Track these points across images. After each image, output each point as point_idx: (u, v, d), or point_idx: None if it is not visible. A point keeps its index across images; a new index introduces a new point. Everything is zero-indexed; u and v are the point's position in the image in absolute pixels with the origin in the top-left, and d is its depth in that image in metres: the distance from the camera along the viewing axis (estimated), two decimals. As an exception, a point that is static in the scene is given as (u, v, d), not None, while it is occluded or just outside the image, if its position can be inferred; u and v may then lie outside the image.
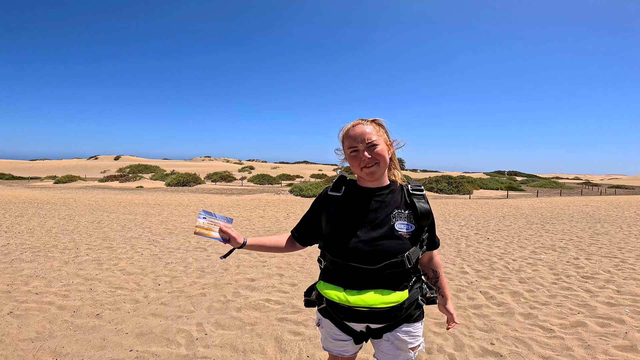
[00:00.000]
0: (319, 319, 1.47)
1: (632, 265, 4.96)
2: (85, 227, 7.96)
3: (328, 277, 1.37)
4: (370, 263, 1.28)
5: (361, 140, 1.31)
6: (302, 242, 1.50)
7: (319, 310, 1.44)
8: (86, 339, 2.69)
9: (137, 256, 5.31)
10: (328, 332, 1.44)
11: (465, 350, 2.58)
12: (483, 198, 23.58)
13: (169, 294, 3.71)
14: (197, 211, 11.65)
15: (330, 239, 1.35)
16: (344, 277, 1.32)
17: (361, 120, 1.37)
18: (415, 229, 1.34)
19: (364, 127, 1.33)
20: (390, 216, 1.33)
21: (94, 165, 63.88)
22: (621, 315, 3.15)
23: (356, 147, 1.32)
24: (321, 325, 1.46)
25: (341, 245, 1.31)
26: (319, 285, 1.37)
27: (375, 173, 1.33)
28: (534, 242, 6.96)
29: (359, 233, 1.31)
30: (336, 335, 1.41)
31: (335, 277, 1.34)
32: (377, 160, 1.32)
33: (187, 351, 2.54)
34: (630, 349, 2.56)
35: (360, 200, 1.37)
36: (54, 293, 3.64)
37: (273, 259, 5.27)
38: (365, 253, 1.28)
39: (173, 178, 32.13)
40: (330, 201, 1.39)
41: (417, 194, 1.40)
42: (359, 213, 1.35)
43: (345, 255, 1.30)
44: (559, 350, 2.56)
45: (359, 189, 1.40)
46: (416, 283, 1.38)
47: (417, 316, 1.40)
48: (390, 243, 1.29)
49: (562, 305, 3.44)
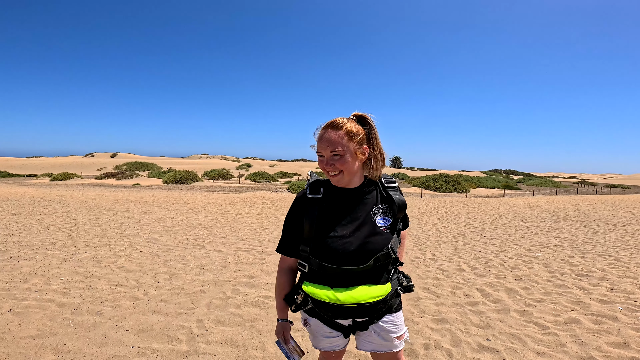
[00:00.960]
0: (304, 319, 1.47)
1: (626, 264, 5.03)
2: (83, 224, 7.96)
3: (312, 278, 1.36)
4: (359, 263, 1.29)
5: (326, 148, 1.30)
6: (297, 255, 1.42)
7: (305, 310, 1.43)
8: (87, 336, 2.71)
9: (136, 254, 5.32)
10: (317, 331, 1.44)
11: (462, 346, 2.63)
12: (480, 196, 23.71)
13: (169, 291, 3.73)
14: (195, 209, 11.66)
15: (317, 244, 1.33)
16: (330, 278, 1.32)
17: (334, 123, 1.32)
18: (392, 221, 1.38)
19: (333, 133, 1.29)
20: (370, 213, 1.36)
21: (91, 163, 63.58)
22: (614, 313, 3.20)
23: (321, 154, 1.33)
24: (309, 325, 1.46)
25: (329, 249, 1.30)
26: (305, 287, 1.34)
27: (339, 182, 1.35)
28: (530, 240, 7.03)
29: (344, 234, 1.31)
30: (326, 333, 1.42)
31: (320, 277, 1.34)
32: (341, 169, 1.31)
33: (188, 347, 2.57)
34: (623, 346, 2.61)
35: (340, 202, 1.37)
36: (53, 290, 3.65)
37: (272, 256, 5.31)
38: (353, 254, 1.29)
39: (170, 175, 32.04)
40: (312, 204, 1.37)
41: (392, 187, 1.43)
42: (341, 214, 1.35)
43: (334, 259, 1.30)
44: (554, 347, 2.61)
45: (337, 190, 1.39)
46: (394, 274, 1.41)
47: (397, 305, 1.44)
48: (375, 239, 1.32)
49: (556, 303, 3.49)
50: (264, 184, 33.37)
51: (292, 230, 1.41)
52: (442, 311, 3.29)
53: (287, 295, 1.44)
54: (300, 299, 1.40)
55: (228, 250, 5.67)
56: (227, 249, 5.76)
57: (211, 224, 8.52)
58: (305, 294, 1.38)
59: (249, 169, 54.57)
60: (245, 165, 59.79)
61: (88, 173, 45.86)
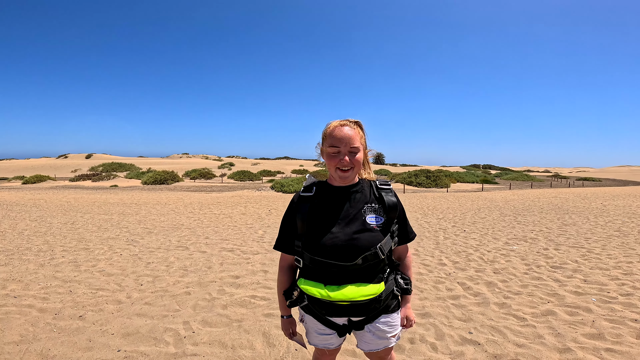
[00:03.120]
0: (301, 315, 1.54)
1: (598, 255, 5.27)
2: (59, 228, 7.72)
3: (308, 275, 1.41)
4: (348, 259, 1.33)
5: (345, 143, 1.35)
6: (293, 251, 1.48)
7: (302, 307, 1.50)
8: (72, 340, 2.66)
9: (116, 257, 5.21)
10: (312, 328, 1.49)
11: (445, 340, 2.71)
12: (460, 191, 24.24)
13: (153, 293, 3.69)
14: (177, 210, 11.48)
15: (308, 238, 1.39)
16: (323, 274, 1.36)
17: (348, 122, 1.41)
18: (385, 221, 1.42)
19: (350, 130, 1.37)
20: (362, 211, 1.40)
21: (64, 165, 61.39)
22: (588, 304, 3.36)
23: (338, 149, 1.36)
24: (304, 321, 1.52)
25: (319, 243, 1.36)
26: (300, 283, 1.41)
27: (348, 177, 1.39)
28: (507, 233, 7.27)
29: (334, 230, 1.36)
30: (320, 330, 1.47)
31: (314, 274, 1.39)
32: (354, 165, 1.38)
33: (176, 349, 2.56)
34: (598, 337, 2.72)
35: (332, 199, 1.43)
36: (32, 296, 3.55)
37: (257, 256, 5.30)
38: (342, 248, 1.33)
39: (150, 176, 31.34)
40: (304, 202, 1.44)
41: (385, 188, 1.48)
42: (332, 211, 1.41)
43: (323, 253, 1.34)
44: (532, 339, 2.72)
45: (330, 188, 1.46)
46: (391, 274, 1.46)
47: (394, 306, 1.49)
48: (364, 236, 1.35)
49: (533, 295, 3.64)
50: (247, 183, 33.10)
51: (288, 227, 1.48)
52: (426, 305, 3.38)
53: (286, 291, 1.50)
54: (296, 295, 1.46)
55: (212, 251, 5.63)
56: (211, 250, 5.72)
57: (194, 224, 8.41)
58: (301, 291, 1.44)
59: (232, 167, 53.96)
60: (227, 164, 59.07)
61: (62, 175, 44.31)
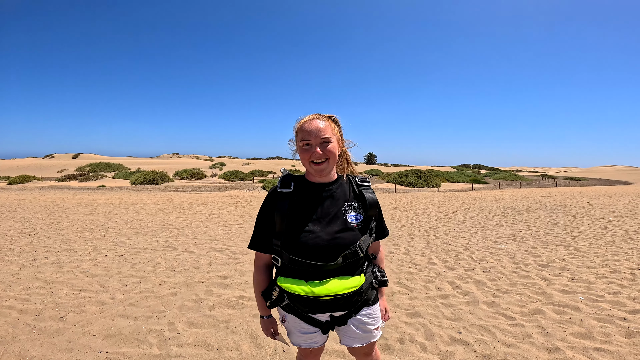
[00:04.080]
0: (282, 315, 1.48)
1: (585, 254, 5.33)
2: (43, 229, 7.54)
3: (287, 273, 1.37)
4: (329, 259, 1.31)
5: (315, 135, 1.32)
6: (270, 250, 1.42)
7: (282, 307, 1.44)
8: (51, 342, 2.58)
9: (101, 257, 5.10)
10: (295, 327, 1.45)
11: (435, 340, 2.69)
12: (450, 191, 24.42)
13: (137, 294, 3.60)
14: (165, 210, 11.32)
15: (288, 238, 1.35)
16: (303, 272, 1.33)
17: (318, 115, 1.39)
18: (364, 219, 1.40)
19: (320, 122, 1.35)
20: (342, 209, 1.38)
21: (50, 165, 60.26)
22: (576, 303, 3.37)
23: (309, 142, 1.33)
24: (286, 321, 1.47)
25: (300, 243, 1.32)
26: (280, 281, 1.36)
27: (323, 170, 1.35)
28: (496, 232, 7.32)
29: (315, 229, 1.33)
30: (303, 329, 1.43)
31: (294, 272, 1.35)
32: (328, 156, 1.34)
33: (160, 351, 2.49)
34: (586, 336, 2.72)
35: (312, 196, 1.39)
36: (13, 297, 3.45)
37: (246, 256, 5.23)
38: (324, 249, 1.31)
39: (138, 176, 30.91)
40: (282, 198, 1.38)
41: (364, 185, 1.46)
42: (312, 209, 1.37)
43: (304, 253, 1.31)
44: (521, 338, 2.72)
45: (309, 185, 1.42)
46: (368, 267, 1.45)
47: (374, 298, 1.49)
48: (346, 235, 1.34)
49: (521, 294, 3.65)
50: (238, 183, 32.88)
51: (264, 225, 1.41)
52: (416, 305, 3.36)
53: (264, 292, 1.44)
54: (276, 295, 1.40)
55: (200, 251, 5.54)
56: (200, 250, 5.63)
57: (183, 224, 8.29)
58: (281, 290, 1.39)
59: (223, 167, 53.56)
60: (218, 164, 58.62)
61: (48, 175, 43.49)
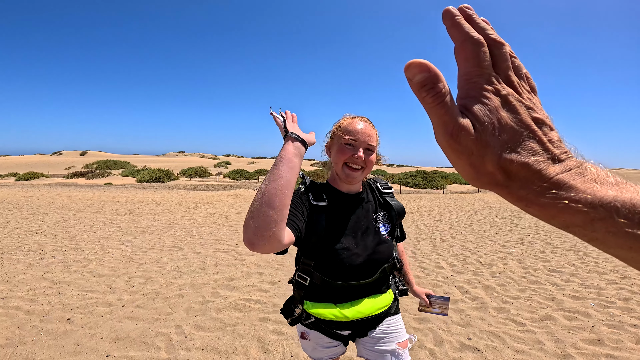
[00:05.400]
0: (303, 332, 1.38)
1: (595, 259, 5.26)
2: (50, 227, 7.58)
3: (314, 295, 1.27)
4: (366, 276, 1.24)
5: (364, 138, 1.21)
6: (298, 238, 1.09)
7: (305, 324, 1.35)
8: (59, 344, 2.58)
9: (108, 257, 5.11)
10: (317, 343, 1.37)
11: (444, 346, 2.66)
12: (456, 192, 24.28)
13: (144, 296, 3.60)
14: (171, 209, 11.35)
15: (323, 258, 1.21)
16: (334, 294, 1.24)
17: (366, 119, 1.28)
18: (392, 228, 1.35)
19: (369, 127, 1.24)
20: (373, 221, 1.30)
21: (58, 162, 60.79)
22: (587, 309, 3.32)
23: (356, 141, 1.20)
24: (308, 338, 1.38)
25: (334, 263, 1.21)
26: (308, 308, 1.27)
27: (355, 178, 1.24)
28: (504, 236, 7.25)
29: (350, 245, 1.22)
30: (326, 344, 1.37)
31: (323, 294, 1.25)
32: (366, 165, 1.23)
33: (168, 355, 2.48)
34: (597, 343, 2.69)
35: (343, 209, 1.28)
36: (20, 297, 3.46)
37: (252, 257, 5.22)
38: (360, 267, 1.22)
39: (144, 174, 31.08)
40: (318, 213, 1.20)
41: (388, 193, 1.40)
42: (345, 223, 1.26)
43: (340, 274, 1.21)
44: (531, 344, 2.68)
45: (340, 196, 1.29)
46: (392, 279, 1.41)
47: (395, 309, 1.43)
48: (382, 249, 1.27)
49: (531, 299, 3.60)
50: (244, 182, 32.94)
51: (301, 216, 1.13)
52: (424, 310, 3.33)
53: (286, 309, 1.35)
54: (299, 312, 1.31)
55: (206, 252, 5.54)
56: (206, 250, 5.63)
57: (188, 224, 8.30)
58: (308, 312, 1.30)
59: (228, 166, 53.71)
60: (223, 163, 58.79)
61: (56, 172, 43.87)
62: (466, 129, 0.31)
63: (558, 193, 0.29)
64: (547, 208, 0.29)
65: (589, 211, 0.27)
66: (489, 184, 0.32)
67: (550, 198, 0.29)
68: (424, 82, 0.31)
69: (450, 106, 0.31)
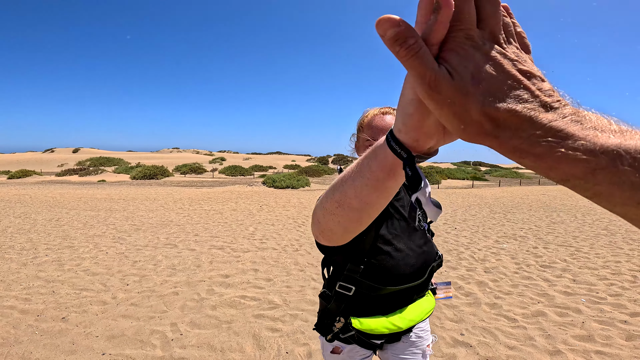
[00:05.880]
0: (336, 346, 1.25)
1: (587, 254, 5.33)
2: (43, 225, 7.52)
3: (359, 308, 1.15)
4: (418, 277, 1.14)
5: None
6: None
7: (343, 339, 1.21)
8: (54, 343, 2.58)
9: (102, 255, 5.09)
10: (351, 357, 1.25)
11: (437, 342, 2.70)
12: (450, 188, 24.43)
13: (139, 294, 3.60)
14: (166, 205, 11.31)
15: (374, 262, 1.11)
16: (382, 303, 1.14)
17: (390, 109, 1.17)
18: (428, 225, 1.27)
19: (393, 119, 1.11)
20: (416, 218, 1.21)
21: (51, 159, 60.15)
22: (578, 305, 3.38)
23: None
24: (341, 352, 1.24)
25: (390, 267, 1.11)
26: (356, 324, 1.14)
27: None
28: (497, 231, 7.32)
29: (402, 247, 1.14)
30: (360, 356, 1.25)
31: (370, 305, 1.14)
32: None
33: (163, 352, 2.49)
34: (587, 339, 2.73)
35: (388, 208, 1.17)
36: (14, 297, 3.44)
37: (247, 254, 5.23)
38: (413, 268, 1.13)
39: (138, 171, 30.87)
40: None
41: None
42: (393, 222, 1.16)
43: (394, 279, 1.11)
44: (523, 340, 2.73)
45: None
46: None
47: None
48: (428, 248, 1.19)
49: (523, 295, 3.66)
50: (239, 178, 32.85)
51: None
52: (417, 306, 3.37)
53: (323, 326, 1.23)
54: (339, 327, 1.18)
55: (201, 249, 5.54)
56: (201, 248, 5.63)
57: (183, 221, 8.28)
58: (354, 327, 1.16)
59: (223, 162, 53.50)
60: (218, 159, 58.55)
61: (48, 170, 43.41)
62: (444, 77, 0.30)
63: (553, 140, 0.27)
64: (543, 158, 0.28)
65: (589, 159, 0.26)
66: (478, 135, 0.31)
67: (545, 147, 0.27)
68: (396, 36, 0.31)
69: (426, 57, 0.31)
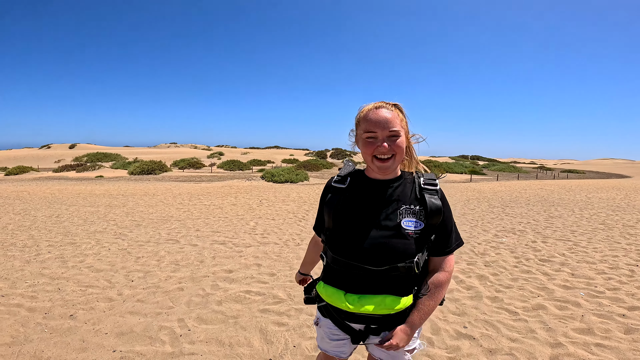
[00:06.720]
0: (317, 317, 1.43)
1: (585, 249, 5.40)
2: (44, 222, 7.52)
3: (329, 277, 1.30)
4: (373, 263, 1.18)
5: (382, 126, 1.17)
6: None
7: (319, 308, 1.39)
8: (64, 341, 2.61)
9: (104, 251, 5.11)
10: (325, 332, 1.38)
11: (441, 334, 2.75)
12: (449, 182, 24.49)
13: (144, 290, 3.64)
14: (165, 201, 11.31)
15: (333, 235, 1.27)
16: (345, 277, 1.24)
17: (384, 104, 1.23)
18: (424, 228, 1.21)
19: (387, 112, 1.19)
20: (398, 212, 1.22)
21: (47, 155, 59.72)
22: (577, 299, 3.44)
23: (375, 134, 1.18)
24: (319, 325, 1.41)
25: (343, 242, 1.23)
26: (319, 287, 1.32)
27: (388, 168, 1.21)
28: (496, 225, 7.39)
29: (362, 229, 1.21)
30: (334, 335, 1.36)
31: (336, 277, 1.27)
32: (395, 152, 1.18)
33: (173, 348, 2.53)
34: (587, 332, 2.79)
35: (366, 194, 1.27)
36: (20, 295, 3.46)
37: (249, 249, 5.27)
38: (367, 251, 1.19)
39: (136, 166, 30.76)
40: (334, 193, 1.30)
41: (430, 189, 1.25)
42: (364, 207, 1.24)
43: (347, 253, 1.21)
44: (524, 333, 2.78)
45: (366, 180, 1.29)
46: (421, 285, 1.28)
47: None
48: (395, 242, 1.18)
49: (523, 289, 3.71)
50: (237, 173, 32.80)
51: (320, 215, 1.40)
52: (420, 300, 3.42)
53: (306, 287, 1.46)
54: (315, 294, 1.39)
55: (203, 244, 5.57)
56: (203, 243, 5.66)
57: (184, 216, 8.31)
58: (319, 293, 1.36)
59: (221, 157, 53.32)
60: (216, 154, 58.36)
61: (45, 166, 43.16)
62: None
63: None
64: None
65: None
66: None
67: None
68: None
69: None
